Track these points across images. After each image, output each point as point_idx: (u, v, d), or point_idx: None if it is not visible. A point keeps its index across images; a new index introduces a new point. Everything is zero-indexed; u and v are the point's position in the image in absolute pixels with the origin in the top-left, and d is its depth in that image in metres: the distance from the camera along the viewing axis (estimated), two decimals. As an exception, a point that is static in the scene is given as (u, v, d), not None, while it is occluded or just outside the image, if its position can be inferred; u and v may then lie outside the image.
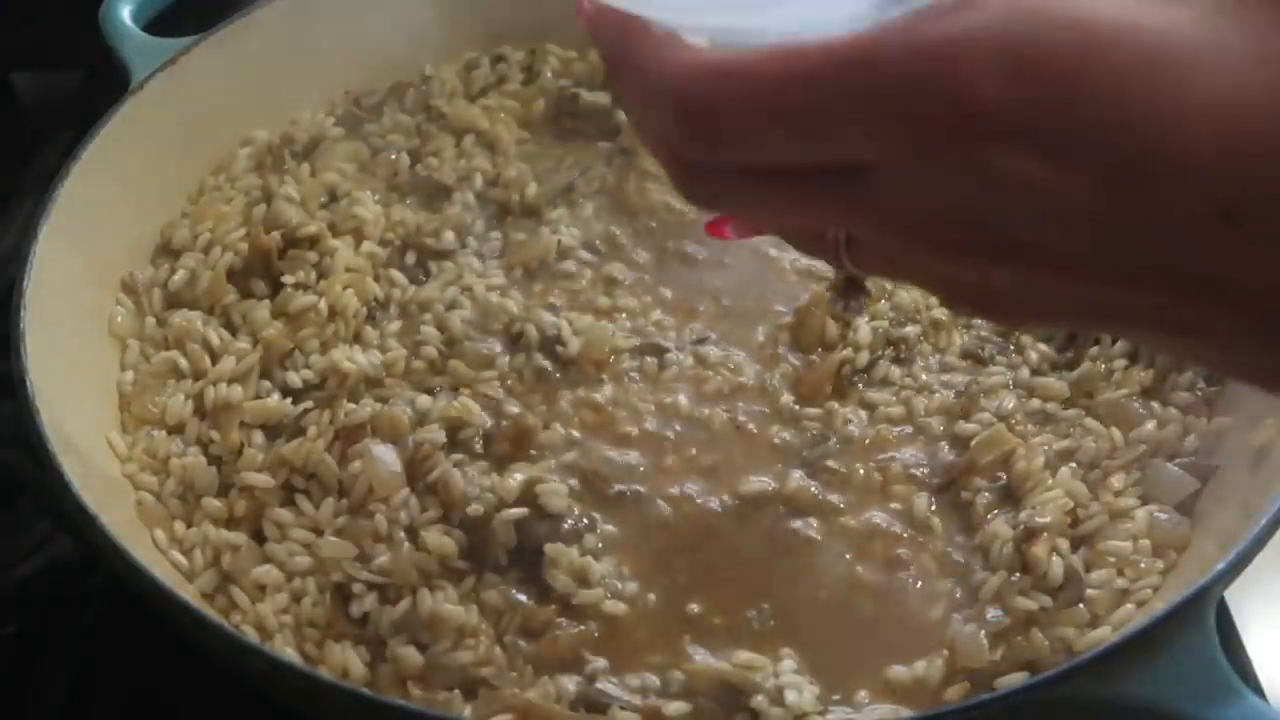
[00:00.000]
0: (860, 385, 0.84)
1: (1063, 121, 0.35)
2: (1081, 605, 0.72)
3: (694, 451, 0.80)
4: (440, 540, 0.74)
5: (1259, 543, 0.65)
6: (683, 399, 0.83)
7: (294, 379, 0.85)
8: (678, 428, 0.82)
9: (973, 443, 0.79)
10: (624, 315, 0.89)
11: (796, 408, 0.83)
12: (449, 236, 0.94)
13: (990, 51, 0.35)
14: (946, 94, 0.35)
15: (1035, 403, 0.83)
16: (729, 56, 0.39)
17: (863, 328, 0.86)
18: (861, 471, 0.79)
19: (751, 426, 0.82)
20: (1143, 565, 0.73)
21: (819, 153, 0.39)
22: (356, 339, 0.88)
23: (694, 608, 0.73)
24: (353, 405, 0.81)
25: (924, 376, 0.85)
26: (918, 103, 0.36)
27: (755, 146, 0.40)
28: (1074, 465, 0.79)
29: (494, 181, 0.99)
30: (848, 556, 0.75)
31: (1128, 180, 0.35)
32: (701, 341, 0.87)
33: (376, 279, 0.91)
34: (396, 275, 0.92)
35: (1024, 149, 0.35)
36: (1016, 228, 0.37)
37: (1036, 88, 0.35)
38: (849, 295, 0.56)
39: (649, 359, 0.86)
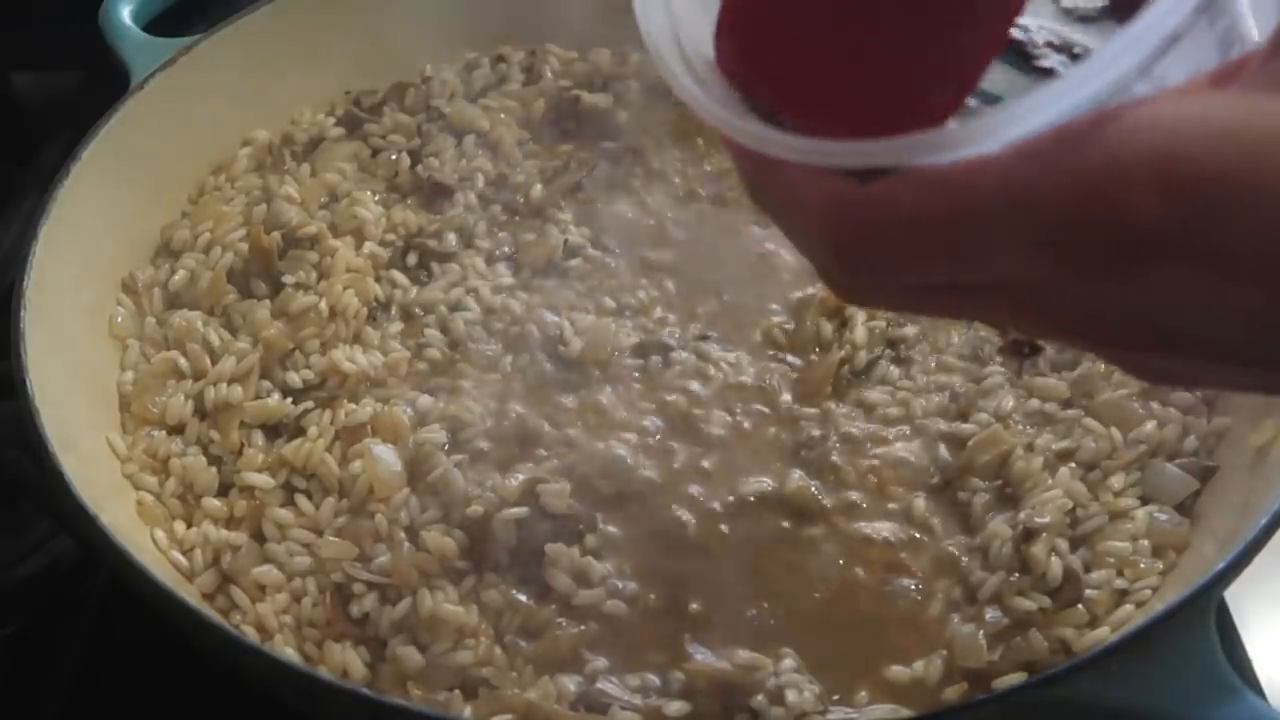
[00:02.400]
0: (859, 385, 0.84)
1: (1224, 235, 0.35)
2: (1081, 605, 0.72)
3: (694, 451, 0.80)
4: (440, 540, 0.75)
5: (1259, 543, 0.65)
6: (683, 398, 0.83)
7: (294, 379, 0.85)
8: (678, 427, 0.82)
9: (970, 443, 0.79)
10: (628, 313, 0.89)
11: (796, 407, 0.83)
12: (451, 238, 0.94)
13: (1145, 172, 0.34)
14: (1106, 219, 0.35)
15: (1034, 403, 0.83)
16: (879, 191, 0.39)
17: (859, 328, 0.86)
18: (860, 472, 0.79)
19: (751, 426, 0.82)
20: (1142, 565, 0.73)
21: (976, 276, 0.39)
22: (357, 339, 0.88)
23: (694, 608, 0.73)
24: (353, 405, 0.81)
25: (923, 377, 0.85)
26: (1077, 230, 0.36)
27: (909, 273, 0.40)
28: (1073, 465, 0.79)
29: (497, 182, 0.99)
30: (847, 556, 0.75)
31: None
32: (704, 339, 0.87)
33: (378, 280, 0.91)
34: (398, 276, 0.92)
35: (1186, 262, 0.35)
36: (1177, 329, 0.37)
37: (1195, 204, 0.34)
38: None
39: (654, 358, 0.86)
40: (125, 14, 1.02)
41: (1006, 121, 0.37)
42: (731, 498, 0.78)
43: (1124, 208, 0.35)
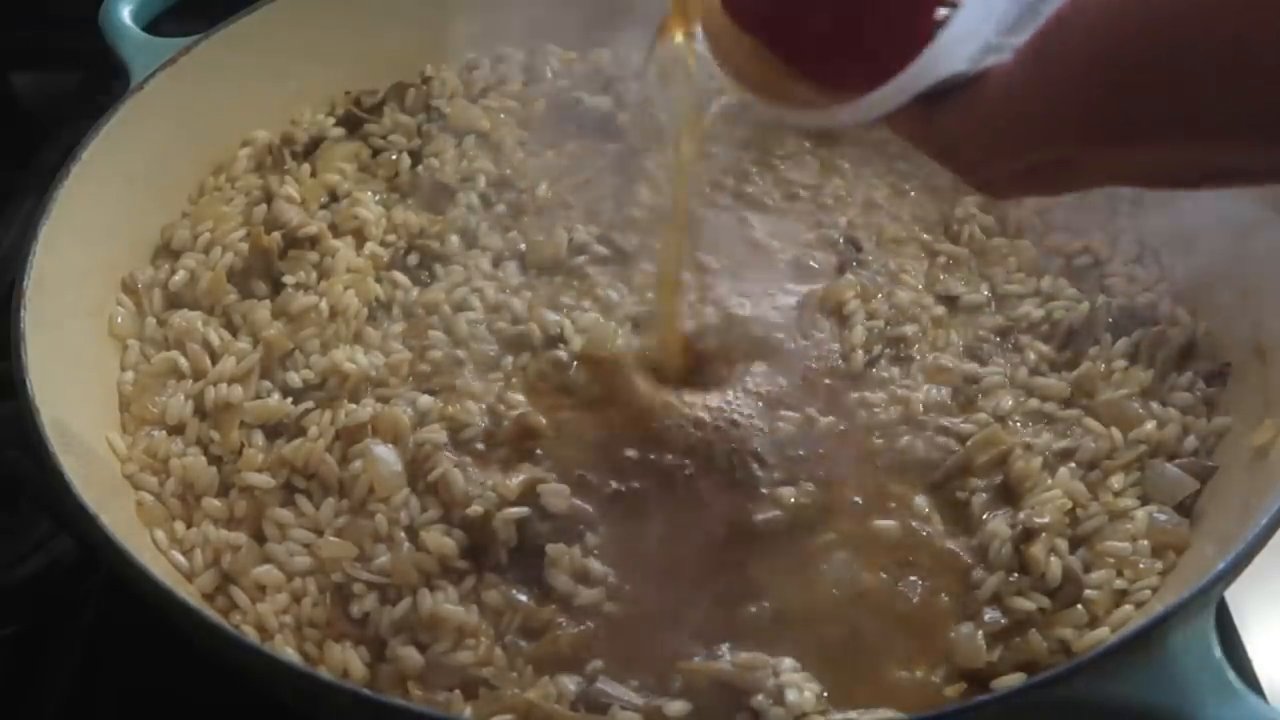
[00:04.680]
0: (859, 384, 0.84)
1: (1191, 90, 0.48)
2: (1080, 606, 0.72)
3: (694, 451, 0.80)
4: (440, 540, 0.75)
5: (1258, 543, 0.65)
6: (684, 396, 0.83)
7: (294, 379, 0.85)
8: (678, 426, 0.82)
9: (969, 442, 0.79)
10: (631, 311, 0.89)
11: (796, 406, 0.83)
12: (453, 239, 0.94)
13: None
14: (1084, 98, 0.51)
15: (1034, 402, 0.83)
16: (945, 123, 0.55)
17: (857, 328, 0.86)
18: (860, 471, 0.79)
19: (751, 424, 0.82)
20: (1142, 566, 0.73)
21: (1036, 157, 0.54)
22: (357, 340, 0.88)
23: (694, 607, 0.73)
24: (353, 405, 0.81)
25: (922, 377, 0.85)
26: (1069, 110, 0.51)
27: (994, 167, 0.56)
28: (1073, 465, 0.79)
29: (499, 182, 0.99)
30: (847, 556, 0.75)
31: None
32: (710, 332, 0.87)
33: (378, 280, 0.91)
34: (399, 277, 0.92)
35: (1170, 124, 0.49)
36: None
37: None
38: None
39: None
40: (125, 14, 1.02)
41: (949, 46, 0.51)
42: (732, 497, 0.78)
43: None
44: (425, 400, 0.82)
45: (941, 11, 0.53)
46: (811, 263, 0.92)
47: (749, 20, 0.60)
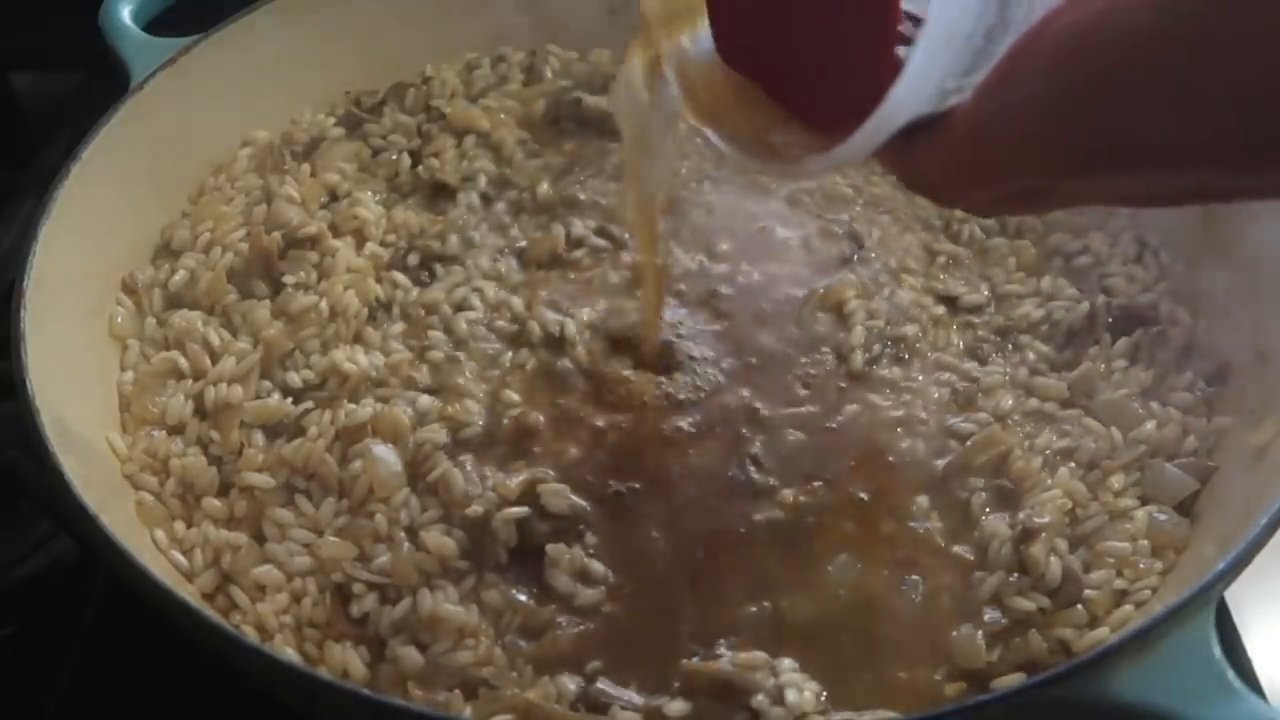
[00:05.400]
0: (859, 383, 0.84)
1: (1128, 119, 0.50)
2: (1080, 606, 0.72)
3: (694, 450, 0.80)
4: (440, 540, 0.75)
5: (1258, 543, 0.66)
6: (684, 396, 0.83)
7: (294, 379, 0.85)
8: (678, 426, 0.82)
9: (969, 442, 0.79)
10: (633, 307, 0.89)
11: (795, 405, 0.83)
12: (454, 240, 0.94)
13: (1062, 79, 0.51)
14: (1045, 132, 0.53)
15: (1034, 402, 0.83)
16: (922, 160, 0.58)
17: (858, 328, 0.86)
18: (860, 470, 0.79)
19: (751, 424, 0.82)
20: (1142, 566, 0.73)
21: (1007, 187, 0.56)
22: (358, 340, 0.88)
23: (694, 607, 0.73)
24: (353, 406, 0.81)
25: (922, 377, 0.85)
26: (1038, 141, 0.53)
27: (971, 196, 0.60)
28: (1073, 465, 0.79)
29: (499, 181, 0.99)
30: (847, 556, 0.75)
31: None
32: (710, 330, 0.87)
33: (379, 280, 0.91)
34: (399, 277, 0.91)
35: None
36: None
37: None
38: None
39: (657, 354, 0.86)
40: (125, 14, 1.02)
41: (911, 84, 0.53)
42: (733, 497, 0.78)
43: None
44: (425, 400, 0.82)
45: (901, 51, 0.54)
46: (816, 255, 0.92)
47: (738, 55, 0.63)
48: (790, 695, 0.68)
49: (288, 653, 0.72)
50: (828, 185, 0.98)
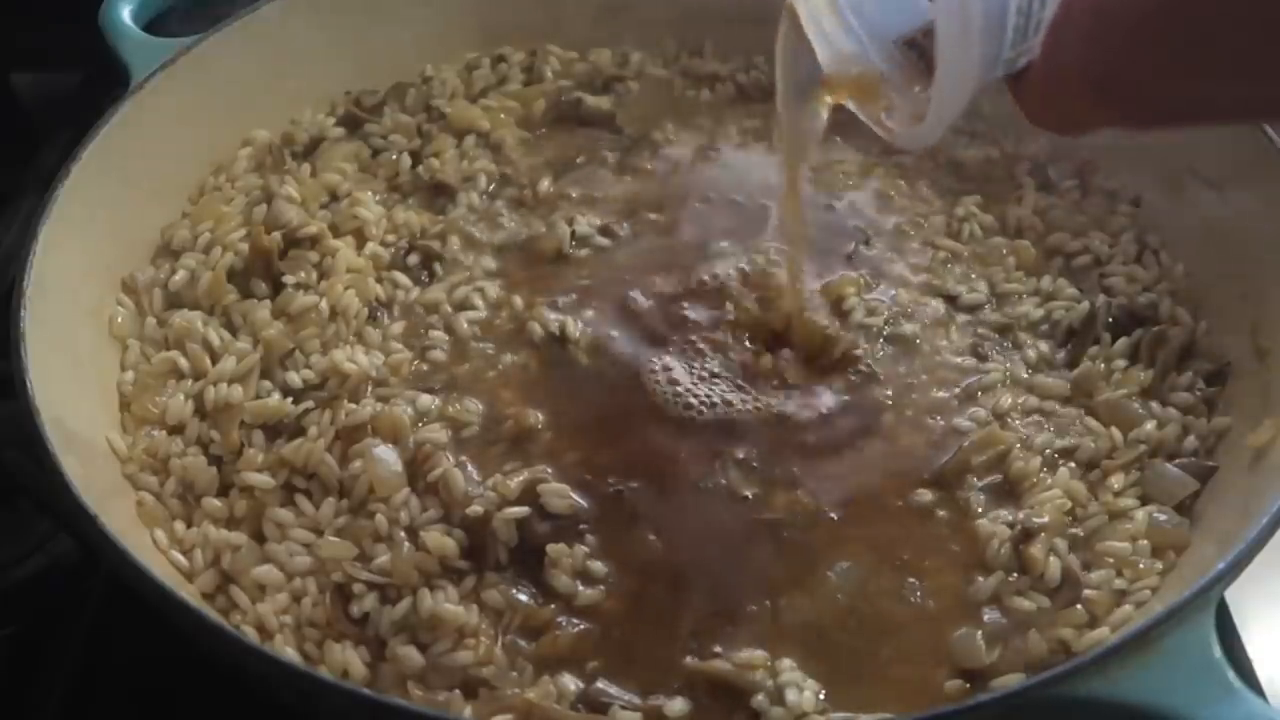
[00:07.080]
0: (859, 382, 0.84)
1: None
2: (1079, 606, 0.72)
3: (694, 449, 0.80)
4: (440, 540, 0.75)
5: (1258, 543, 0.66)
6: (684, 395, 0.83)
7: (294, 379, 0.85)
8: (679, 425, 0.82)
9: (968, 441, 0.79)
10: (634, 307, 0.89)
11: (795, 404, 0.83)
12: (454, 239, 0.94)
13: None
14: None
15: (1034, 401, 0.83)
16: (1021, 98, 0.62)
17: (857, 325, 0.86)
18: (860, 470, 0.79)
19: (750, 424, 0.82)
20: (1141, 566, 0.73)
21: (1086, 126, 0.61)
22: (358, 340, 0.88)
23: (694, 607, 0.73)
24: (353, 405, 0.81)
25: (922, 375, 0.85)
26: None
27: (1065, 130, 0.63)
28: (1073, 465, 0.79)
29: (500, 181, 0.99)
30: (846, 557, 0.75)
31: None
32: (711, 329, 0.87)
33: (379, 280, 0.91)
34: (399, 277, 0.92)
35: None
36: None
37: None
38: None
39: (659, 354, 0.86)
40: (125, 14, 1.01)
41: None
42: (733, 497, 0.78)
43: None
44: (425, 400, 0.82)
45: None
46: (818, 251, 0.92)
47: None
48: (790, 695, 0.68)
49: (288, 653, 0.72)
50: (828, 183, 0.98)
